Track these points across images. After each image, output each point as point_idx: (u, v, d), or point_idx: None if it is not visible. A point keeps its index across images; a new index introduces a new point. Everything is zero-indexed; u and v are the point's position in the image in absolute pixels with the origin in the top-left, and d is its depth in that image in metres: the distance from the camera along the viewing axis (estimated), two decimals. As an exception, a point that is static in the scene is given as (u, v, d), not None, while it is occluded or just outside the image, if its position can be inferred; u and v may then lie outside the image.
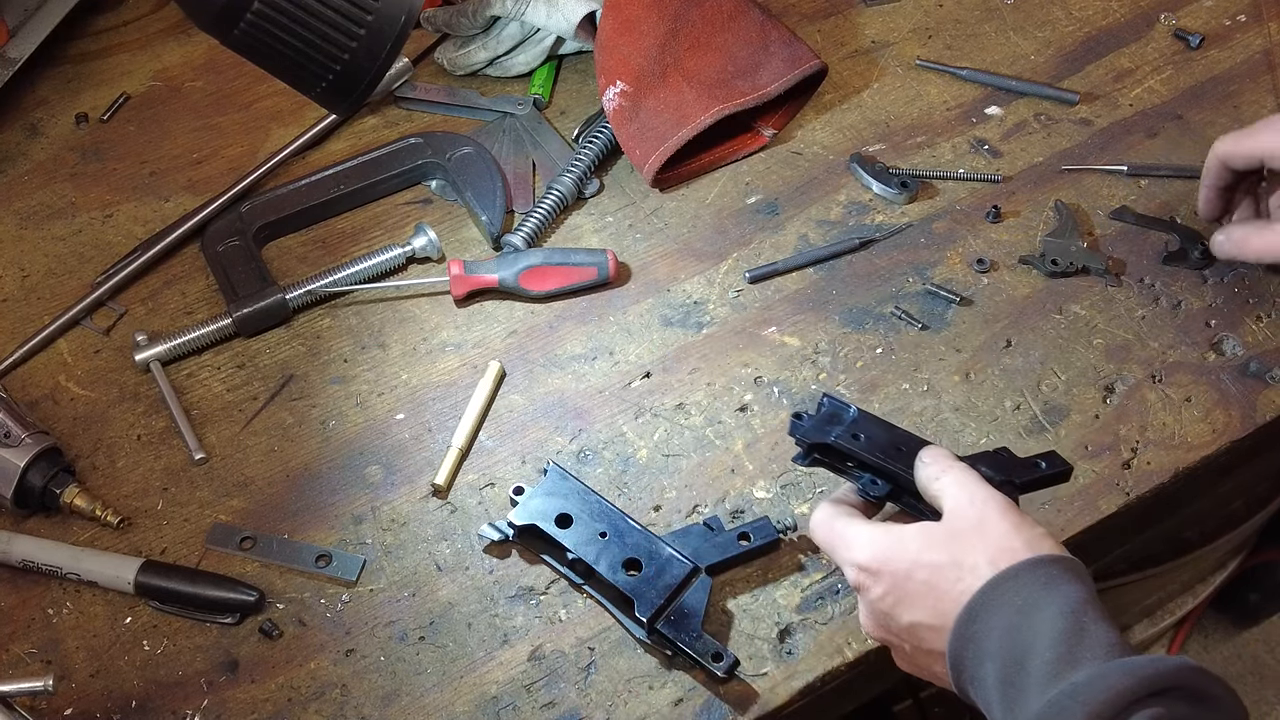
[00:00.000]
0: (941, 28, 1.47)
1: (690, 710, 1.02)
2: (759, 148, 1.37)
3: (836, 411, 1.00)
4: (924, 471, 0.95)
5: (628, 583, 1.04)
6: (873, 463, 0.98)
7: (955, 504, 0.92)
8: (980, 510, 0.90)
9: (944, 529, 0.91)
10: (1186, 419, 1.16)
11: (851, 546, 0.94)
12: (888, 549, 0.92)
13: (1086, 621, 0.82)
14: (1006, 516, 0.90)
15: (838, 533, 0.95)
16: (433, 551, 1.11)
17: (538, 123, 1.41)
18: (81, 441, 1.19)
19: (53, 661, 1.06)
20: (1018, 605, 0.84)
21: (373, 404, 1.21)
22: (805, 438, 0.98)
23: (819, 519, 0.97)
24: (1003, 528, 0.89)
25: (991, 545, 0.88)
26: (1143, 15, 1.46)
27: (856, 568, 0.93)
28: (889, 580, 0.91)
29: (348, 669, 1.05)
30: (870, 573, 0.92)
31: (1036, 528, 0.90)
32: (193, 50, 1.50)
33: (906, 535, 0.92)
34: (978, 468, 0.96)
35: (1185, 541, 1.73)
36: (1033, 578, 0.85)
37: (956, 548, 0.89)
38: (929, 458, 0.95)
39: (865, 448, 0.98)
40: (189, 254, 1.32)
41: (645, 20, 1.34)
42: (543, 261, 1.26)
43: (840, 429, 0.98)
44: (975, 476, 0.93)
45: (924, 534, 0.91)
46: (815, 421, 0.99)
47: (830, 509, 0.97)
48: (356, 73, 1.17)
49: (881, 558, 0.92)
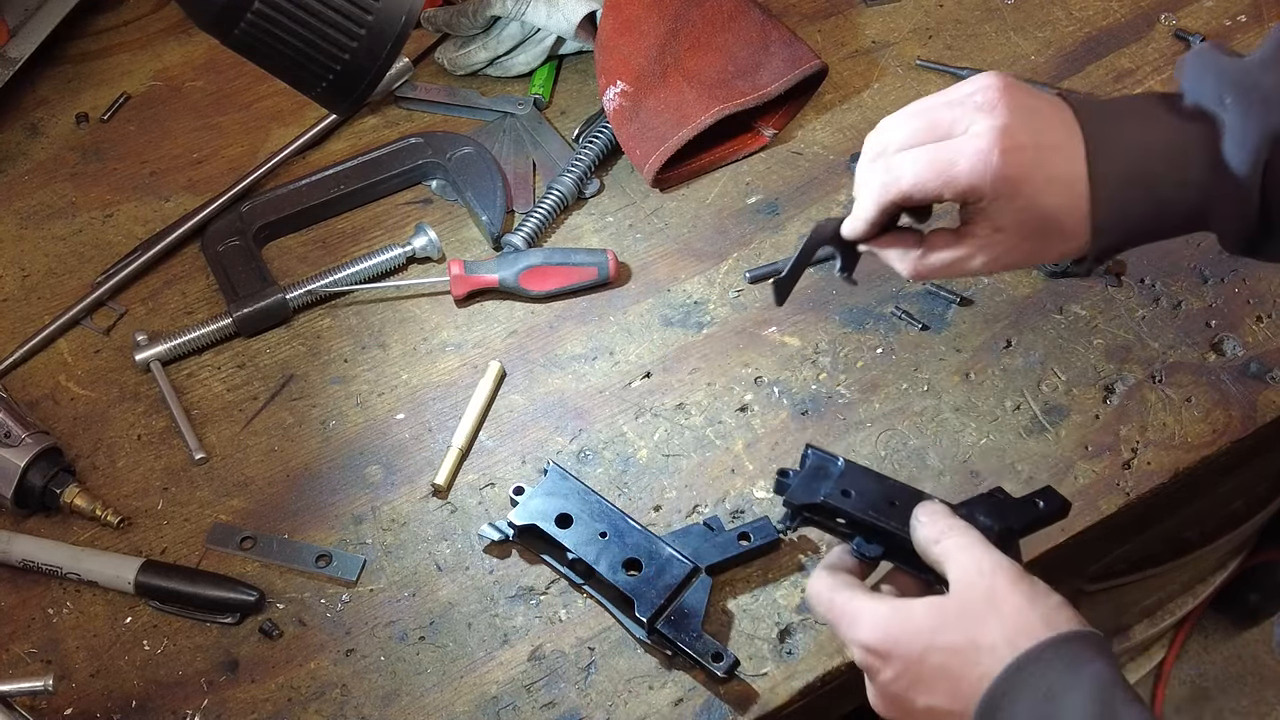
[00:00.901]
0: (942, 28, 1.47)
1: (690, 710, 1.02)
2: (759, 148, 1.37)
3: (822, 464, 0.96)
4: (921, 533, 0.91)
5: (628, 583, 1.04)
6: (865, 521, 0.94)
7: (963, 574, 0.87)
8: (990, 581, 0.86)
9: (955, 604, 0.86)
10: (1187, 419, 1.16)
11: (856, 625, 0.88)
12: (897, 629, 0.86)
13: (1117, 705, 0.79)
14: (1018, 587, 0.85)
15: (839, 608, 0.90)
16: (433, 551, 1.11)
17: (538, 123, 1.41)
18: (82, 441, 1.19)
19: (53, 661, 1.06)
20: (1043, 691, 0.80)
21: (373, 404, 1.21)
22: (793, 499, 0.95)
23: (817, 590, 0.92)
24: (1017, 602, 0.84)
25: (1008, 623, 0.83)
26: (1143, 15, 1.46)
27: (863, 649, 0.88)
28: (900, 663, 0.86)
29: (348, 669, 1.05)
30: (879, 655, 0.87)
31: (1051, 597, 0.86)
32: (193, 50, 1.50)
33: (915, 613, 0.87)
34: (975, 517, 0.92)
35: (1185, 542, 1.73)
36: (1056, 659, 0.81)
37: (971, 626, 0.84)
38: (925, 517, 0.91)
39: (857, 505, 0.94)
40: (189, 254, 1.32)
41: (645, 20, 1.34)
42: (543, 261, 1.26)
43: (829, 484, 0.94)
44: (977, 538, 0.89)
45: (935, 611, 0.86)
46: (802, 478, 0.96)
47: (828, 579, 0.92)
48: (357, 72, 1.17)
49: (891, 639, 0.87)
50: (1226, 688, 2.25)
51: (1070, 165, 0.93)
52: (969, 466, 1.14)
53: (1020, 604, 0.84)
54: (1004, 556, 0.88)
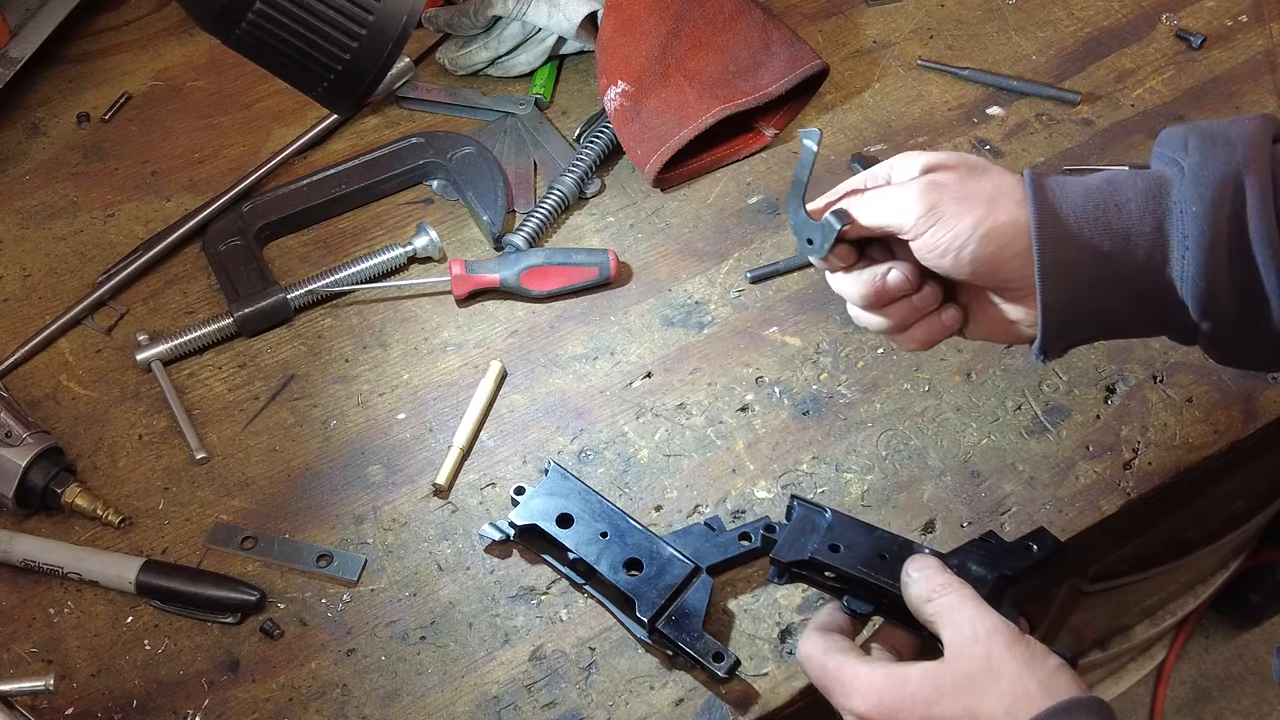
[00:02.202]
0: (943, 28, 1.47)
1: (691, 710, 1.02)
2: (760, 148, 1.37)
3: (809, 516, 0.95)
4: (913, 590, 0.90)
5: (629, 583, 1.04)
6: (855, 577, 0.93)
7: (958, 638, 0.86)
8: (986, 647, 0.84)
9: (951, 672, 0.85)
10: (1188, 419, 1.16)
11: (850, 694, 0.87)
12: (893, 699, 0.85)
13: None
14: (1015, 652, 0.84)
15: (832, 674, 0.88)
16: (434, 551, 1.11)
17: (539, 122, 1.41)
18: (83, 441, 1.19)
19: (54, 661, 1.06)
20: None
21: (374, 404, 1.21)
22: (780, 556, 0.94)
23: (808, 653, 0.91)
24: (1014, 668, 0.83)
25: (1006, 693, 0.82)
26: (1144, 15, 1.46)
27: (857, 717, 0.87)
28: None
29: (349, 668, 1.05)
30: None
31: (1049, 660, 0.85)
32: (194, 50, 1.50)
33: (911, 681, 0.85)
34: (968, 568, 0.91)
35: (1186, 542, 1.73)
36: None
37: (969, 697, 0.83)
38: (917, 573, 0.90)
39: (845, 561, 0.93)
40: (190, 253, 1.32)
41: (646, 20, 1.34)
42: (544, 261, 1.26)
43: (816, 539, 0.94)
44: (970, 595, 0.88)
45: (930, 680, 0.85)
46: (789, 532, 0.95)
47: (819, 642, 0.91)
48: (358, 72, 1.17)
49: (888, 708, 0.85)
50: (1227, 688, 2.25)
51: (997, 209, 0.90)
52: (970, 466, 1.14)
53: (1018, 671, 0.83)
54: (999, 618, 0.86)
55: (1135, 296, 0.89)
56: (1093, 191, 0.89)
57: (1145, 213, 0.88)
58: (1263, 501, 1.78)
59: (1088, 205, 0.89)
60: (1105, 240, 0.88)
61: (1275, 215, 0.85)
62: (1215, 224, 0.85)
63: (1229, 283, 0.86)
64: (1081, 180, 0.91)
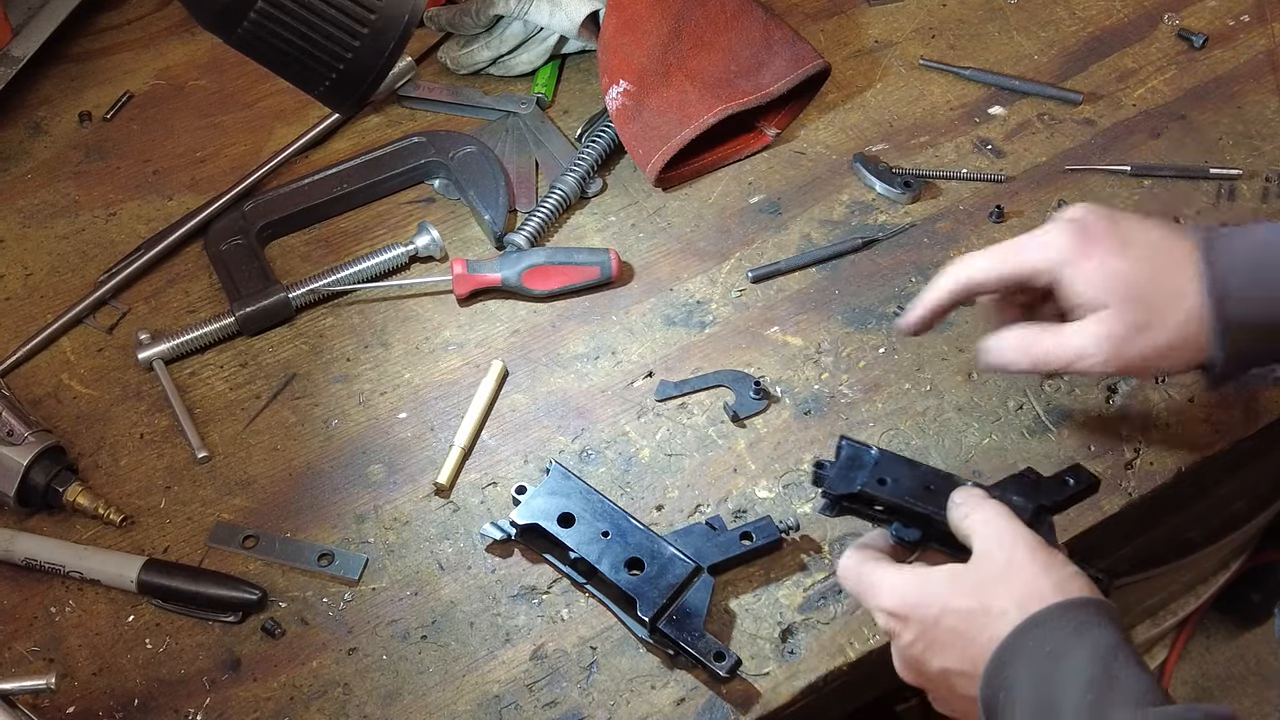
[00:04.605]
0: (945, 27, 1.47)
1: (692, 710, 1.02)
2: (762, 147, 1.37)
3: (856, 454, 0.98)
4: (955, 512, 0.93)
5: (630, 582, 1.04)
6: (903, 507, 0.96)
7: (984, 545, 0.90)
8: (1009, 552, 0.88)
9: (972, 572, 0.89)
10: (1189, 419, 1.16)
11: (879, 593, 0.92)
12: (915, 595, 0.90)
13: (1117, 668, 0.81)
14: (1035, 557, 0.88)
15: (865, 579, 0.94)
16: (435, 550, 1.11)
17: (541, 122, 1.41)
18: (84, 440, 1.19)
19: (55, 660, 1.06)
20: (1047, 651, 0.83)
21: (375, 403, 1.21)
22: (831, 489, 0.97)
23: (846, 565, 0.95)
24: (1031, 570, 0.87)
25: (1019, 589, 0.86)
26: (1146, 15, 1.46)
27: (885, 613, 0.92)
28: (918, 626, 0.90)
29: (350, 668, 1.05)
30: (899, 619, 0.91)
31: (1067, 567, 0.88)
32: (196, 49, 1.50)
33: (933, 580, 0.90)
34: (1008, 497, 0.94)
35: (1187, 542, 1.73)
36: (1062, 622, 0.84)
37: (985, 592, 0.87)
38: (960, 497, 0.94)
39: (894, 492, 0.96)
40: (192, 253, 1.32)
41: (648, 20, 1.34)
42: (545, 261, 1.26)
43: (864, 474, 0.96)
44: (1004, 512, 0.91)
45: (951, 578, 0.90)
46: (838, 469, 0.98)
47: (857, 554, 0.95)
48: (360, 72, 1.17)
49: (909, 604, 0.90)
50: (1229, 688, 2.25)
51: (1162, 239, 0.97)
52: (971, 466, 1.14)
53: (1035, 572, 0.87)
54: (1027, 530, 0.90)
55: None
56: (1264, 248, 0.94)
57: None
58: (1264, 501, 1.78)
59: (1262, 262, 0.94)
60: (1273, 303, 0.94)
61: None
62: None
63: None
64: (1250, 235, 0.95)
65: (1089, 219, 0.98)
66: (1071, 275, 0.97)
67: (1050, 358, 0.99)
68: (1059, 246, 0.97)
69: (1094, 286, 0.96)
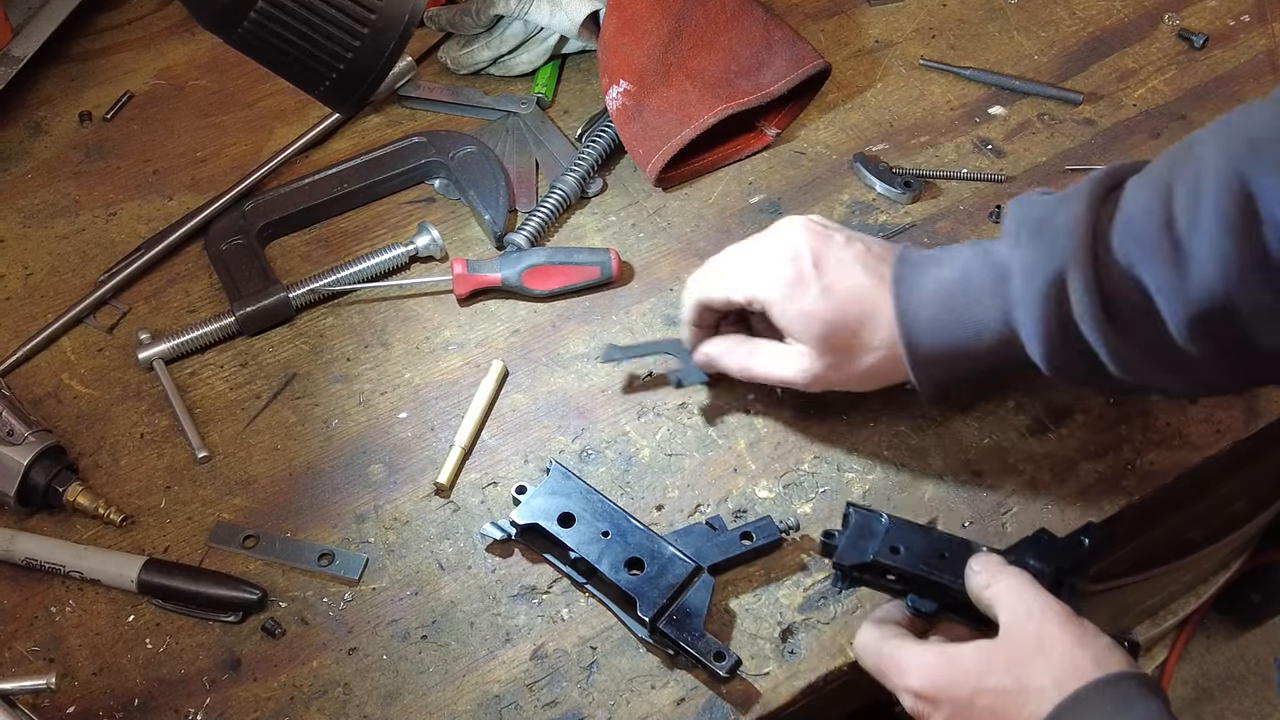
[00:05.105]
0: (945, 27, 1.47)
1: (692, 710, 1.02)
2: (762, 147, 1.37)
3: (866, 522, 0.97)
4: (975, 580, 0.92)
5: (630, 582, 1.04)
6: (919, 576, 0.95)
7: (1012, 617, 0.88)
8: (1039, 624, 0.87)
9: (1003, 648, 0.87)
10: (1189, 419, 1.16)
11: (905, 673, 0.90)
12: (945, 675, 0.88)
13: None
14: (1068, 629, 0.86)
15: (887, 657, 0.92)
16: (435, 550, 1.11)
17: (541, 122, 1.41)
18: (84, 440, 1.19)
19: (55, 659, 1.06)
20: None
21: (375, 403, 1.21)
22: (843, 560, 0.96)
23: (865, 643, 0.94)
24: (1066, 643, 0.86)
25: (1057, 665, 0.85)
26: (1146, 15, 1.46)
27: (913, 695, 0.90)
28: (949, 708, 0.88)
29: (350, 667, 1.05)
30: (928, 700, 0.89)
31: (1101, 638, 0.87)
32: (196, 49, 1.50)
33: (964, 658, 0.88)
34: (1025, 562, 0.93)
35: (1188, 542, 1.73)
36: (1103, 699, 0.82)
37: (1020, 669, 0.86)
38: (979, 565, 0.93)
39: (907, 561, 0.95)
40: (192, 252, 1.32)
41: (648, 19, 1.34)
42: (546, 261, 1.26)
43: (875, 542, 0.95)
44: (1028, 580, 0.90)
45: (983, 656, 0.88)
46: (847, 538, 0.97)
47: (876, 631, 0.94)
48: (360, 71, 1.17)
49: (940, 684, 0.88)
50: (1229, 688, 2.25)
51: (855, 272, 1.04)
52: (971, 467, 1.14)
53: (1070, 646, 0.85)
54: (1054, 599, 0.88)
55: (1000, 368, 1.01)
56: (947, 288, 1.00)
57: (994, 307, 0.97)
58: (1264, 502, 1.78)
59: (945, 304, 0.99)
60: (966, 334, 0.99)
61: (1100, 300, 0.91)
62: (1047, 317, 0.93)
63: (1074, 357, 0.95)
64: (936, 276, 1.01)
65: (800, 256, 1.05)
66: (780, 311, 1.05)
67: (762, 377, 1.10)
68: (770, 287, 1.05)
69: (797, 327, 1.05)
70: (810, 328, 1.04)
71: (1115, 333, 0.91)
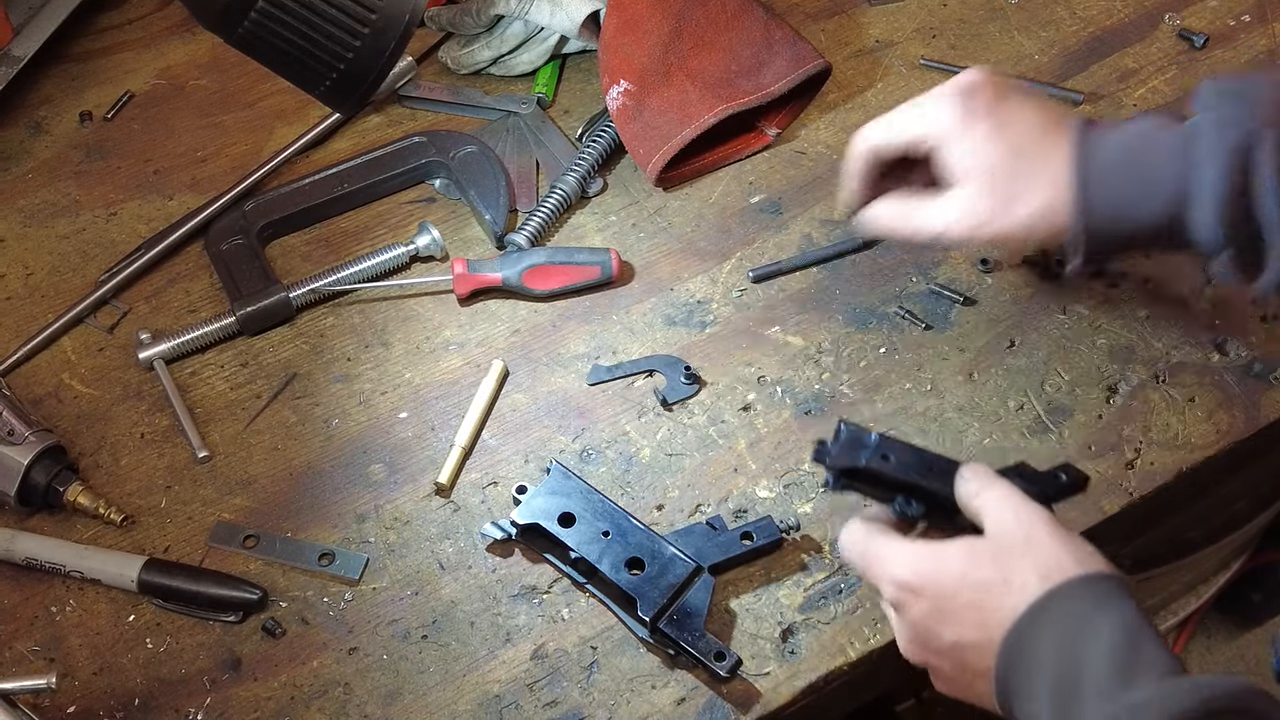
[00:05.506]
0: (945, 27, 1.46)
1: (693, 710, 1.02)
2: (762, 147, 1.37)
3: (857, 437, 0.98)
4: (964, 488, 0.93)
5: (630, 582, 1.04)
6: (909, 483, 0.96)
7: (999, 519, 0.89)
8: (1027, 528, 0.88)
9: (990, 545, 0.89)
10: (1190, 419, 1.16)
11: (889, 563, 0.91)
12: (932, 566, 0.89)
13: (1142, 640, 0.81)
14: (1054, 533, 0.88)
15: (873, 551, 0.93)
16: (435, 550, 1.11)
17: (541, 122, 1.41)
18: (85, 439, 1.19)
19: (55, 659, 1.06)
20: (1071, 621, 0.83)
21: (376, 402, 1.21)
22: (835, 463, 0.97)
23: (851, 537, 0.95)
24: (1051, 544, 0.87)
25: (1041, 561, 0.86)
26: (1147, 15, 1.46)
27: (896, 585, 0.91)
28: (932, 598, 0.89)
29: (350, 667, 1.05)
30: (911, 590, 0.90)
31: (1085, 545, 0.88)
32: (197, 48, 1.50)
33: (950, 552, 0.89)
34: (1013, 480, 0.94)
35: (1188, 542, 1.73)
36: (1085, 594, 0.84)
37: (1005, 564, 0.87)
38: (969, 473, 0.94)
39: (897, 468, 0.96)
40: (192, 252, 1.32)
41: (648, 19, 1.34)
42: (546, 260, 1.26)
43: (868, 451, 0.96)
44: (1016, 491, 0.91)
45: (969, 550, 0.89)
46: (840, 446, 0.97)
47: (863, 526, 0.95)
48: (360, 71, 1.17)
49: (925, 575, 0.89)
50: (1229, 688, 2.24)
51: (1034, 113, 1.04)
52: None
53: (1055, 547, 0.87)
54: (1042, 508, 0.90)
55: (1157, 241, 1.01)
56: (1129, 140, 1.00)
57: (1173, 166, 0.97)
58: (1265, 502, 1.78)
59: (1123, 155, 0.99)
60: (1136, 191, 0.99)
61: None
62: (1228, 178, 0.94)
63: (1240, 233, 0.96)
64: (1120, 128, 1.01)
65: (975, 94, 1.04)
66: (949, 148, 1.04)
67: (923, 228, 1.07)
68: (943, 120, 1.05)
69: (966, 162, 1.03)
70: (979, 160, 1.02)
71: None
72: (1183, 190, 0.97)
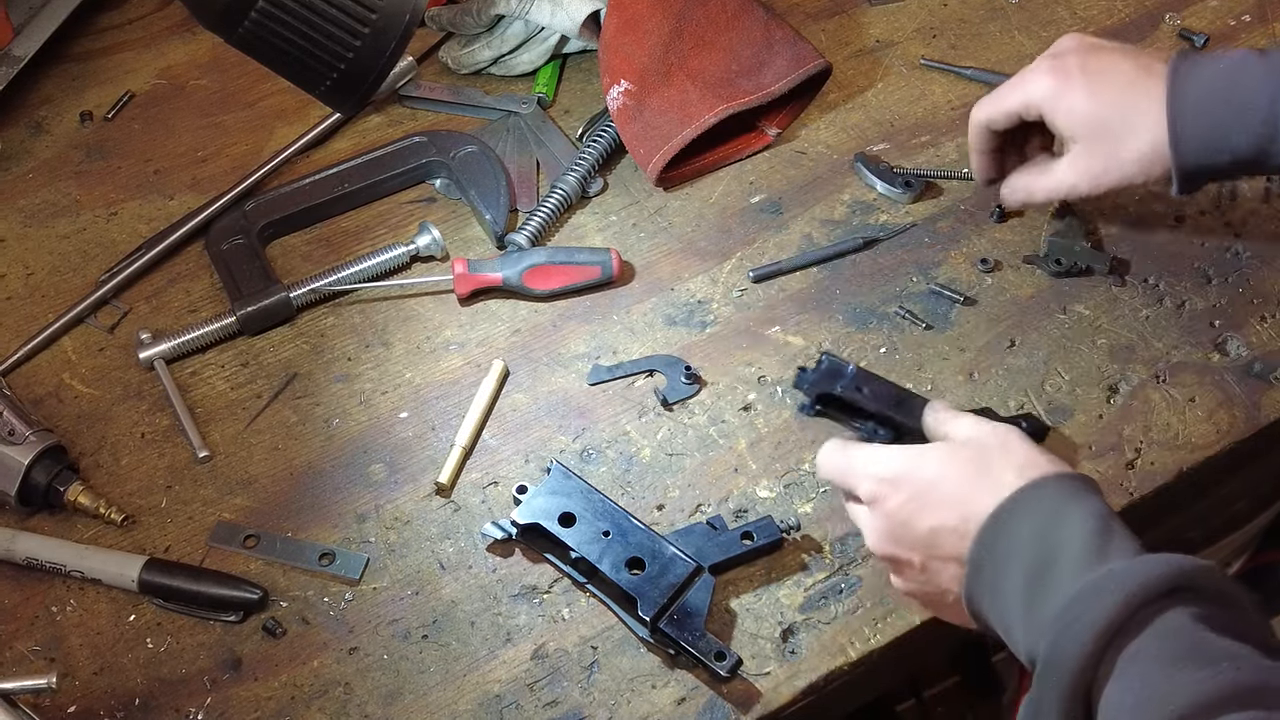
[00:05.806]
0: (946, 27, 1.46)
1: (693, 709, 1.02)
2: (763, 147, 1.37)
3: (837, 368, 1.01)
4: (932, 417, 0.98)
5: (630, 582, 1.04)
6: (879, 413, 0.99)
7: (975, 431, 0.94)
8: (1002, 435, 0.93)
9: (969, 446, 0.93)
10: (1190, 419, 1.16)
11: (870, 463, 0.95)
12: (914, 461, 0.94)
13: (1114, 526, 0.86)
14: (1026, 440, 0.93)
15: (853, 455, 0.97)
16: (436, 550, 1.11)
17: (542, 121, 1.41)
18: (85, 439, 1.19)
19: (56, 659, 1.06)
20: (1047, 511, 0.87)
21: (376, 402, 1.21)
22: (812, 389, 1.00)
23: (829, 449, 0.98)
24: (1025, 448, 0.92)
25: (1017, 461, 0.91)
26: (1147, 15, 1.46)
27: (876, 479, 0.94)
28: (911, 488, 0.92)
29: (351, 667, 1.05)
30: (890, 482, 0.93)
31: (1056, 457, 0.93)
32: (197, 48, 1.50)
33: (930, 451, 0.94)
34: None
35: (1188, 542, 1.73)
36: (1060, 488, 0.88)
37: (984, 461, 0.92)
38: (939, 405, 0.98)
39: (870, 399, 1.00)
40: (193, 252, 1.32)
41: (649, 19, 1.34)
42: (546, 260, 1.26)
43: (844, 381, 1.00)
44: (983, 418, 0.97)
45: (949, 449, 0.94)
46: (819, 374, 1.00)
47: (840, 441, 0.99)
48: (361, 71, 1.18)
49: (904, 469, 0.93)
50: (1229, 688, 2.24)
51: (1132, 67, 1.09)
52: (972, 466, 1.14)
53: (1030, 450, 0.92)
54: (1012, 426, 0.95)
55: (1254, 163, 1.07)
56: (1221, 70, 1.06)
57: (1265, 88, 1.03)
58: (1265, 502, 1.78)
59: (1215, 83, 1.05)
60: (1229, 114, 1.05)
61: None
62: None
63: None
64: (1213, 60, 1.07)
65: (1066, 55, 1.11)
66: (1052, 109, 1.11)
67: (1050, 191, 1.15)
68: (1040, 85, 1.11)
69: (1068, 121, 1.10)
70: (1080, 117, 1.09)
71: None
72: (1274, 116, 1.03)
